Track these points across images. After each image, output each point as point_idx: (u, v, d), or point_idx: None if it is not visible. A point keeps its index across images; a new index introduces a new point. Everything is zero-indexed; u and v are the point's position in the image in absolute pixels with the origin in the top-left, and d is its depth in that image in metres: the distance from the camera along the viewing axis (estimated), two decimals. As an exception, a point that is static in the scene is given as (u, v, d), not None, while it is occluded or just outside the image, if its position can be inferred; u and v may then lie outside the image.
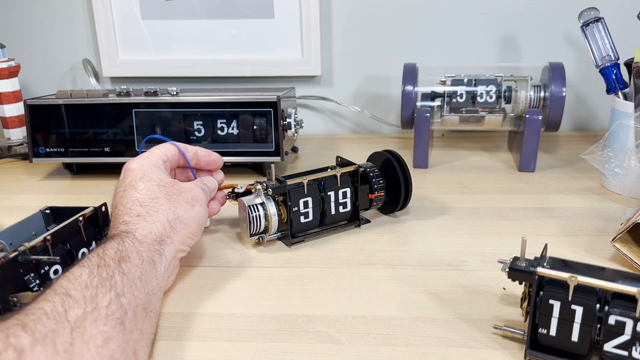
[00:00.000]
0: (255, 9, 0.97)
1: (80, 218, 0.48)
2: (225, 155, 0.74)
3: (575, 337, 0.35)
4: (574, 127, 1.01)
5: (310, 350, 0.39)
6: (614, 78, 0.70)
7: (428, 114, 0.78)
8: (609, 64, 0.70)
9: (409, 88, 0.80)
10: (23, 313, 0.31)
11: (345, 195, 0.57)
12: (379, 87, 1.02)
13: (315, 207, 0.55)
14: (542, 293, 0.36)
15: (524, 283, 0.38)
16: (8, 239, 0.45)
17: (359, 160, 0.60)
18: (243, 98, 0.74)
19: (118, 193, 0.47)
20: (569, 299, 0.35)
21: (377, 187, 0.59)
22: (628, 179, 0.62)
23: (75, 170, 0.81)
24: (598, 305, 0.34)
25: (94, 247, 0.49)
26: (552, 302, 0.35)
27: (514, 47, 0.97)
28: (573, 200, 0.66)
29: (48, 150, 0.76)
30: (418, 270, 0.50)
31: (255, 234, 0.54)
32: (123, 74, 1.02)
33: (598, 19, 0.71)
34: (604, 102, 0.95)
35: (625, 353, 0.34)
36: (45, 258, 0.42)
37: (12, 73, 0.88)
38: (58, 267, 0.43)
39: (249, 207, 0.53)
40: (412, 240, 0.57)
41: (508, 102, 0.79)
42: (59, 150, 0.76)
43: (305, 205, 0.55)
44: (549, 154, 0.85)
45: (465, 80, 0.79)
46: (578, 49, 0.95)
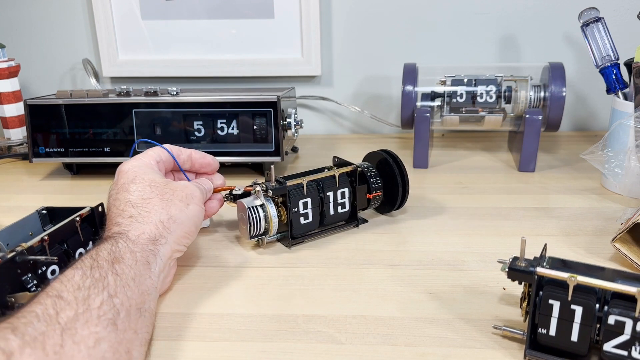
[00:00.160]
0: (255, 9, 0.97)
1: (77, 218, 0.48)
2: (225, 156, 0.75)
3: (575, 337, 0.35)
4: (574, 127, 1.01)
5: (310, 350, 0.39)
6: (614, 78, 0.70)
7: (428, 114, 0.78)
8: (609, 64, 0.70)
9: (409, 88, 0.80)
10: (15, 317, 0.31)
11: (344, 196, 0.57)
12: (379, 87, 1.02)
13: (315, 207, 0.55)
14: (541, 293, 0.36)
15: (524, 283, 0.38)
16: (5, 240, 0.45)
17: (356, 161, 0.60)
18: (243, 98, 0.74)
19: (111, 195, 0.47)
20: (569, 299, 0.35)
21: (375, 186, 0.59)
22: (628, 179, 0.62)
23: (75, 170, 0.81)
24: (598, 305, 0.34)
25: (91, 247, 0.49)
26: (551, 302, 0.35)
27: (514, 47, 0.97)
28: (573, 200, 0.66)
29: (48, 150, 0.76)
30: (418, 270, 0.50)
31: (256, 236, 0.54)
32: (123, 74, 1.02)
33: (598, 19, 0.71)
34: (604, 102, 0.95)
35: (625, 353, 0.34)
36: (43, 258, 0.42)
37: (12, 73, 0.88)
38: (55, 267, 0.43)
39: (249, 209, 0.53)
40: (412, 240, 0.57)
41: (508, 102, 0.79)
42: (59, 150, 0.76)
43: (305, 206, 0.55)
44: (549, 154, 0.85)
45: (465, 80, 0.79)
46: (578, 49, 0.95)
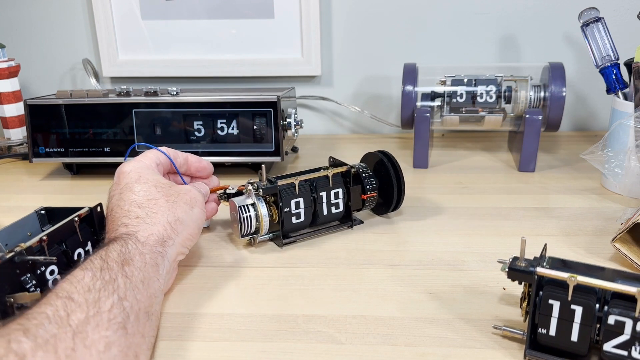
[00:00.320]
0: (255, 9, 0.97)
1: (76, 218, 0.47)
2: (225, 156, 0.75)
3: (575, 337, 0.35)
4: (574, 127, 1.01)
5: (310, 350, 0.39)
6: (614, 78, 0.70)
7: (428, 114, 0.78)
8: (609, 64, 0.70)
9: (409, 88, 0.80)
10: (25, 317, 0.30)
11: (338, 196, 0.57)
12: (379, 87, 1.02)
13: (307, 207, 0.55)
14: (541, 293, 0.36)
15: (524, 283, 0.38)
16: (3, 240, 0.45)
17: (354, 161, 0.60)
18: (243, 98, 0.74)
19: (114, 196, 0.46)
20: (569, 299, 0.35)
21: (369, 187, 0.59)
22: (628, 179, 0.62)
23: (75, 170, 0.81)
24: (597, 305, 0.34)
25: (90, 247, 0.49)
26: (551, 302, 0.35)
27: (514, 47, 0.97)
28: (573, 200, 0.66)
29: (48, 150, 0.76)
30: (418, 270, 0.50)
31: (247, 235, 0.54)
32: (123, 74, 1.02)
33: (598, 19, 0.71)
34: (604, 102, 0.95)
35: (625, 353, 0.34)
36: (42, 258, 0.41)
37: (12, 73, 0.88)
38: (54, 267, 0.43)
39: (240, 207, 0.53)
40: (412, 240, 0.57)
41: (508, 102, 0.79)
42: (59, 150, 0.76)
43: (297, 206, 0.55)
44: (549, 154, 0.85)
45: (465, 80, 0.79)
46: (578, 49, 0.95)
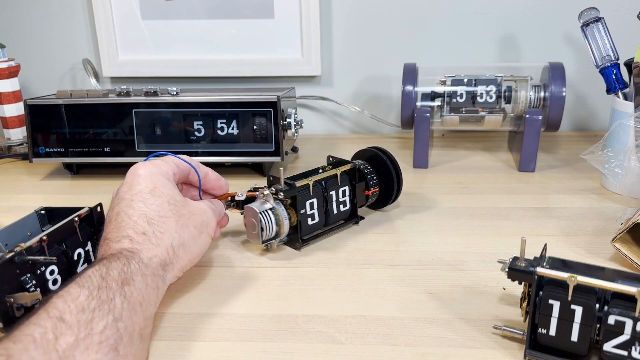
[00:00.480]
0: (255, 9, 0.97)
1: (76, 218, 0.47)
2: (225, 156, 0.75)
3: (575, 337, 0.35)
4: (574, 127, 1.01)
5: (310, 350, 0.39)
6: (614, 78, 0.70)
7: (428, 114, 0.78)
8: (609, 64, 0.70)
9: (409, 88, 0.80)
10: (11, 340, 0.29)
11: (345, 194, 0.58)
12: (379, 87, 1.02)
13: (320, 207, 0.56)
14: (541, 293, 0.36)
15: (524, 283, 0.38)
16: (3, 240, 0.45)
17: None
18: (243, 98, 0.74)
19: (123, 199, 0.44)
20: (569, 299, 0.35)
21: (372, 183, 0.60)
22: (628, 179, 0.62)
23: (75, 170, 0.81)
24: (597, 305, 0.34)
25: (90, 247, 0.48)
26: (551, 302, 0.35)
27: (514, 47, 0.97)
28: (573, 200, 0.66)
29: (48, 150, 0.76)
30: (418, 270, 0.50)
31: (267, 240, 0.53)
32: (123, 74, 1.02)
33: (598, 19, 0.71)
34: (604, 102, 0.95)
35: (625, 353, 0.34)
36: (42, 258, 0.41)
37: (12, 73, 0.88)
38: (54, 267, 0.43)
39: (261, 213, 0.52)
40: (412, 240, 0.57)
41: (508, 102, 0.79)
42: (59, 150, 0.76)
43: (312, 207, 0.55)
44: (549, 154, 0.85)
45: (465, 80, 0.79)
46: (578, 49, 0.95)
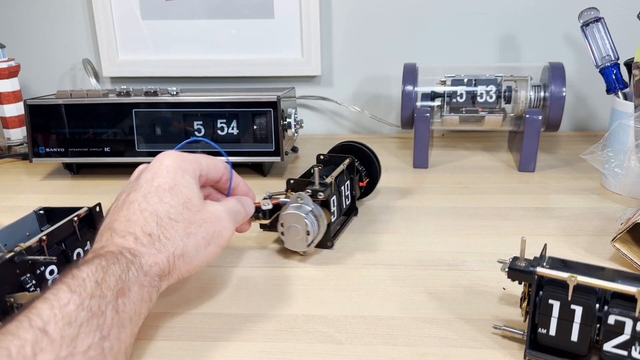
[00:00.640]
0: (255, 9, 0.97)
1: (75, 218, 0.48)
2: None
3: (575, 337, 0.35)
4: (574, 127, 1.01)
5: (310, 350, 0.39)
6: (614, 78, 0.70)
7: (428, 114, 0.78)
8: (609, 64, 0.70)
9: (409, 88, 0.80)
10: None
11: (347, 188, 0.59)
12: (379, 87, 1.02)
13: (338, 204, 0.57)
14: (541, 293, 0.36)
15: (524, 283, 0.38)
16: (2, 240, 0.45)
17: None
18: (243, 98, 0.74)
19: (142, 188, 0.41)
20: (569, 299, 0.35)
21: (364, 174, 0.63)
22: (628, 179, 0.62)
23: (75, 170, 0.81)
24: (597, 305, 0.34)
25: (89, 247, 0.48)
26: (551, 302, 0.35)
27: (514, 47, 0.97)
28: (573, 200, 0.66)
29: (48, 150, 0.76)
30: (418, 270, 0.50)
31: (310, 244, 0.52)
32: (123, 74, 1.02)
33: (598, 19, 0.71)
34: (604, 102, 0.95)
35: (625, 353, 0.34)
36: (42, 258, 0.41)
37: (12, 73, 0.88)
38: (54, 267, 0.43)
39: (306, 216, 0.51)
40: (411, 240, 0.57)
41: (508, 102, 0.79)
42: (59, 150, 0.76)
43: (333, 204, 0.56)
44: (549, 154, 0.85)
45: (465, 80, 0.79)
46: (578, 49, 0.95)
